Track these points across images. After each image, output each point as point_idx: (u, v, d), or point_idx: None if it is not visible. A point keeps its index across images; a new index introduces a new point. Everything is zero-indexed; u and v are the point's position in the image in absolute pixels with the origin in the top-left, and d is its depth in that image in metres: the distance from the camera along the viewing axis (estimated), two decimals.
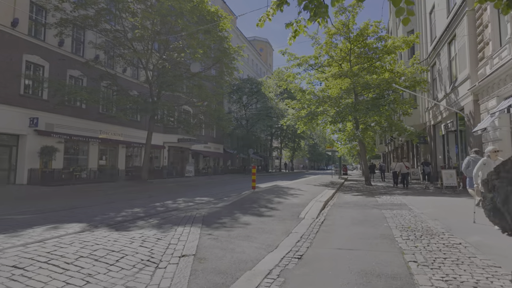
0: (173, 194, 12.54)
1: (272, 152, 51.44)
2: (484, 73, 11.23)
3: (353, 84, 15.61)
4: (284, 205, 8.43)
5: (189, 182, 20.74)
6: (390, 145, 38.58)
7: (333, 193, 12.30)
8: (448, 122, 15.52)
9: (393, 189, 14.40)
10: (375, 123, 17.73)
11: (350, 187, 16.06)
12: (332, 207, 8.72)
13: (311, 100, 17.22)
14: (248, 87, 38.15)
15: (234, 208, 7.99)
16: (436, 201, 9.86)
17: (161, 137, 27.28)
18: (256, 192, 10.68)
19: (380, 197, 11.10)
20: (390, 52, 16.95)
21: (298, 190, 12.68)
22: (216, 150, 37.32)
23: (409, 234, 5.30)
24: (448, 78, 15.32)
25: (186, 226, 5.89)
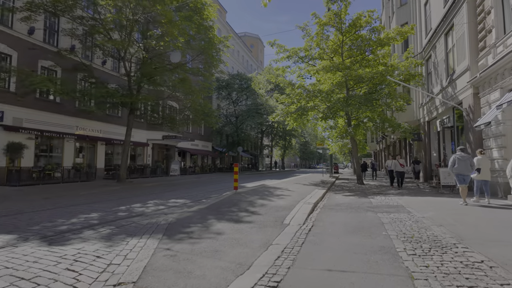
0: (147, 195, 11.38)
1: (262, 150, 50.43)
2: (486, 64, 10.39)
3: (345, 77, 14.66)
4: (268, 208, 7.40)
5: (172, 182, 19.54)
6: (382, 143, 38.01)
7: (323, 193, 11.34)
8: (444, 117, 14.73)
9: (387, 189, 13.54)
10: (368, 119, 16.86)
11: (342, 187, 15.15)
12: (322, 210, 7.72)
13: (301, 95, 16.22)
14: (238, 83, 37.01)
15: (209, 212, 6.92)
16: (436, 202, 8.97)
17: (144, 134, 25.97)
18: (238, 193, 9.62)
19: (374, 198, 10.19)
20: (384, 44, 16.08)
21: (285, 190, 11.66)
22: (204, 148, 36.11)
23: (414, 246, 4.32)
24: (444, 71, 14.52)
25: (142, 238, 4.80)
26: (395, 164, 13.67)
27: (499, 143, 9.64)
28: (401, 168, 13.52)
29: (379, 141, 39.08)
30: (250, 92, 37.03)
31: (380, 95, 15.18)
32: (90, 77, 17.38)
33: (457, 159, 8.18)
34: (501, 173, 9.70)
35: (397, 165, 13.52)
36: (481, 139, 10.97)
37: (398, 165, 13.48)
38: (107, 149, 22.92)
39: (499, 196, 9.54)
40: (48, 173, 17.66)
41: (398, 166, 13.51)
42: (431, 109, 16.73)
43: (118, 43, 14.78)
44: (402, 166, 13.51)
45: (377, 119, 16.34)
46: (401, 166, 13.47)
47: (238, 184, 10.91)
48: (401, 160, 13.80)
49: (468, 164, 8.21)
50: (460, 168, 8.21)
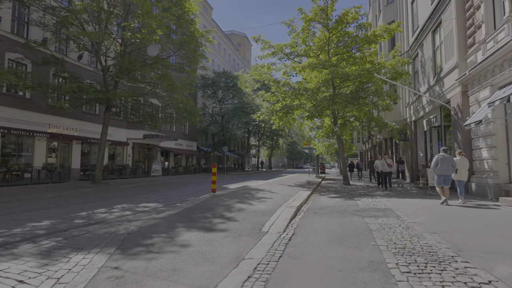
0: (118, 198, 10.51)
1: (249, 150, 49.75)
2: (475, 61, 10.05)
3: (331, 75, 14.15)
4: (246, 214, 6.71)
5: (151, 183, 18.60)
6: (368, 143, 37.99)
7: (308, 195, 10.75)
8: (431, 117, 14.44)
9: (374, 190, 13.10)
10: (354, 118, 16.43)
11: (328, 188, 14.65)
12: (305, 215, 7.10)
13: (286, 93, 15.63)
14: (224, 81, 36.18)
15: (180, 219, 6.18)
16: (425, 205, 8.50)
17: (124, 133, 24.83)
18: (216, 196, 8.90)
19: (361, 200, 9.67)
20: (371, 41, 15.68)
21: (268, 192, 11.01)
22: (189, 148, 35.11)
23: (407, 260, 3.73)
24: (432, 70, 14.22)
25: (90, 252, 4.03)
26: (382, 164, 13.01)
27: (489, 142, 9.29)
28: (388, 168, 12.88)
29: (366, 141, 39.09)
30: (236, 91, 36.26)
31: (366, 93, 14.75)
32: (61, 72, 16.24)
33: (440, 159, 8.23)
34: (490, 174, 9.36)
35: (384, 165, 12.90)
36: (470, 138, 10.64)
37: (386, 165, 12.85)
38: (84, 148, 21.72)
39: (489, 198, 9.19)
40: (16, 174, 16.44)
41: (385, 166, 12.87)
42: (418, 108, 16.46)
43: (91, 35, 13.77)
44: (389, 166, 12.83)
45: (363, 118, 15.93)
46: (388, 166, 12.83)
47: (216, 186, 10.20)
48: (388, 159, 13.11)
49: (450, 165, 8.21)
50: (442, 168, 8.23)
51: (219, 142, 36.85)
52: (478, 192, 9.92)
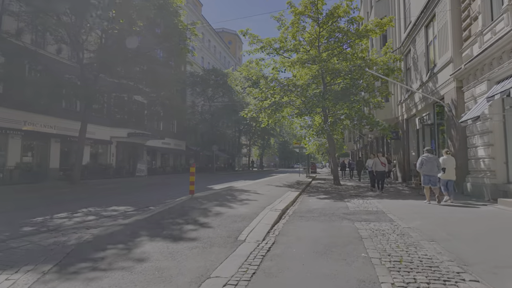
0: (87, 200, 9.70)
1: (240, 149, 49.01)
2: (471, 54, 9.54)
3: (321, 70, 13.54)
4: (223, 219, 6.00)
5: (133, 183, 17.73)
6: (359, 143, 37.65)
7: (296, 196, 10.10)
8: (424, 115, 13.96)
9: (365, 190, 12.54)
10: (345, 115, 15.87)
11: (317, 188, 14.04)
12: (290, 219, 6.44)
13: (274, 89, 14.96)
14: (213, 78, 35.33)
15: (146, 225, 5.43)
16: (420, 207, 7.93)
17: (107, 131, 23.81)
18: (194, 199, 8.15)
19: (351, 201, 9.06)
20: (362, 36, 15.14)
21: (253, 193, 10.31)
22: (177, 147, 34.19)
23: (405, 278, 3.08)
24: (424, 65, 13.74)
25: (19, 271, 3.28)
26: (375, 163, 11.73)
27: (486, 140, 8.79)
28: (382, 167, 11.59)
29: (357, 141, 38.77)
30: (227, 89, 35.45)
31: (357, 89, 14.18)
32: (36, 65, 15.25)
33: (424, 160, 8.28)
34: (487, 174, 8.85)
35: (378, 164, 11.60)
36: (465, 136, 10.14)
37: (379, 164, 11.54)
38: (63, 147, 20.67)
39: (486, 199, 8.68)
40: None
41: (378, 165, 11.56)
42: (410, 106, 15.99)
43: (66, 25, 12.87)
44: (383, 166, 11.58)
45: (354, 116, 15.36)
46: (382, 165, 11.54)
47: (201, 187, 9.48)
48: (382, 158, 11.90)
49: (435, 165, 8.22)
50: (427, 169, 8.24)
51: (209, 141, 35.98)
52: (474, 193, 9.43)
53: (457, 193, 10.49)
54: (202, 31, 44.72)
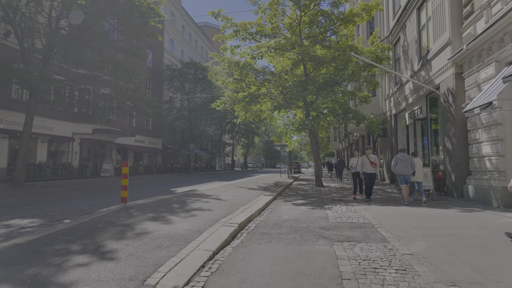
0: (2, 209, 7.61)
1: (221, 148, 47.03)
2: (474, 33, 8.04)
3: (302, 55, 11.84)
4: (145, 242, 4.12)
5: (91, 185, 15.56)
6: (345, 142, 36.38)
7: (267, 202, 8.35)
8: (415, 108, 12.51)
9: (350, 193, 10.94)
10: (328, 109, 14.24)
11: (297, 190, 12.35)
12: (247, 238, 4.66)
13: (248, 76, 13.17)
14: (192, 72, 33.21)
15: (17, 255, 3.53)
16: (418, 217, 6.30)
17: (68, 127, 21.43)
18: (124, 210, 6.21)
19: (332, 208, 7.39)
20: (348, 21, 13.53)
21: (214, 199, 8.46)
22: (153, 145, 31.92)
23: None
24: (416, 53, 12.27)
25: None
26: (363, 162, 9.01)
27: (493, 134, 7.28)
28: (372, 168, 8.91)
29: (342, 140, 37.47)
30: (206, 84, 33.37)
31: (342, 77, 12.54)
32: None
33: (399, 159, 8.27)
34: (495, 175, 7.35)
35: (366, 163, 8.93)
36: (465, 131, 8.65)
37: (368, 164, 8.90)
38: (14, 144, 18.21)
39: (495, 205, 7.17)
40: None
41: (367, 165, 8.90)
42: (399, 100, 14.55)
43: None
44: (373, 166, 8.90)
45: (338, 110, 13.75)
46: (372, 165, 8.89)
47: (164, 190, 7.57)
48: (372, 156, 9.02)
49: (409, 164, 8.15)
50: (401, 168, 8.19)
51: (187, 139, 33.82)
52: (477, 197, 7.93)
53: (454, 198, 9.01)
54: (182, 24, 42.56)
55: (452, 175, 9.26)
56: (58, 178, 19.32)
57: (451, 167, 9.30)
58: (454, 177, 9.12)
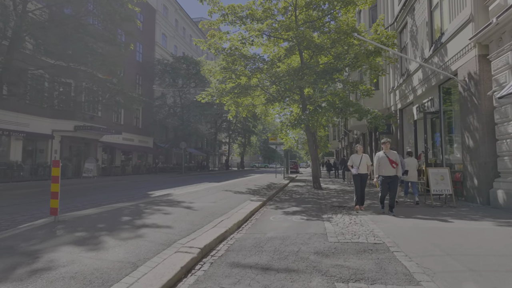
0: None
1: (216, 147, 45.49)
2: (505, 4, 6.56)
3: (297, 38, 10.33)
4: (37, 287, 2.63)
5: (64, 187, 13.98)
6: (344, 140, 34.90)
7: (254, 209, 6.86)
8: (425, 101, 11.04)
9: (351, 199, 9.49)
10: (327, 103, 12.75)
11: (291, 194, 10.86)
12: (207, 273, 3.17)
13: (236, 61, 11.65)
14: (184, 68, 31.66)
15: None
16: (447, 236, 4.81)
17: (47, 123, 19.85)
18: (48, 226, 4.66)
19: (332, 220, 5.91)
20: (349, 2, 12.03)
21: (184, 208, 6.93)
22: (143, 144, 30.37)
23: None
24: (427, 38, 10.80)
25: None
26: (379, 161, 6.58)
27: None
28: (393, 170, 6.42)
29: (342, 138, 35.99)
30: (200, 80, 31.83)
31: (343, 62, 11.01)
32: None
33: None
34: None
35: (384, 163, 6.46)
36: (492, 124, 7.18)
37: (387, 164, 6.42)
38: None
39: None
40: None
41: (386, 166, 6.44)
42: (406, 92, 13.08)
43: None
44: (394, 167, 6.40)
45: (338, 104, 12.26)
46: (392, 165, 6.39)
47: (141, 193, 6.07)
48: (392, 152, 6.58)
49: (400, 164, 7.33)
50: None
51: (181, 137, 32.21)
52: (509, 204, 6.45)
53: (477, 204, 7.55)
54: (176, 18, 40.96)
55: (474, 177, 7.79)
56: (34, 179, 17.79)
57: (472, 168, 7.83)
58: (477, 179, 7.66)
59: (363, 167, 7.12)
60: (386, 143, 6.76)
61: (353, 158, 7.31)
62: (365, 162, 7.14)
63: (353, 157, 7.35)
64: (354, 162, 7.22)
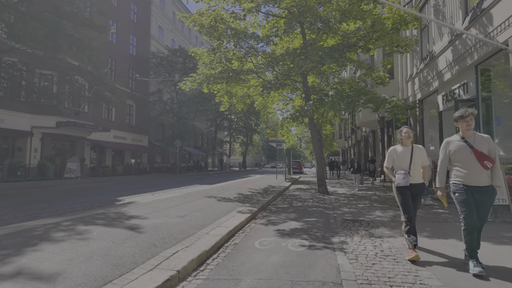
0: None
1: (216, 146, 43.57)
2: None
3: (298, 7, 8.32)
4: None
5: (35, 190, 12.19)
6: (351, 139, 32.70)
7: (236, 226, 4.91)
8: (455, 87, 9.00)
9: (369, 206, 7.48)
10: (335, 91, 10.71)
11: (292, 200, 8.87)
12: None
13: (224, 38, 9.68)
14: (181, 61, 29.78)
15: None
16: None
17: (26, 119, 18.11)
18: None
19: (347, 246, 3.96)
20: None
21: (132, 228, 4.89)
22: (136, 142, 28.58)
23: None
24: (460, 6, 8.73)
25: None
26: (466, 159, 3.23)
27: None
28: (485, 175, 3.17)
29: (348, 137, 33.79)
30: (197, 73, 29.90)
31: (357, 35, 8.91)
32: None
33: None
34: None
35: (470, 162, 3.19)
36: None
37: (475, 163, 3.17)
38: None
39: None
40: None
41: (473, 167, 3.17)
42: (428, 79, 11.00)
43: None
44: (488, 167, 3.13)
45: (348, 91, 10.20)
46: (484, 165, 3.13)
47: (109, 198, 4.14)
48: (485, 138, 3.28)
49: None
50: None
51: (178, 135, 30.30)
52: None
53: None
54: (174, 10, 39.14)
55: None
56: (7, 180, 16.03)
57: None
58: None
59: (416, 170, 3.80)
60: (467, 117, 3.33)
61: (394, 153, 3.91)
62: (419, 159, 3.83)
63: (395, 151, 3.92)
64: (399, 160, 3.85)
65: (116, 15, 25.89)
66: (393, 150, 3.98)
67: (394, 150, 3.95)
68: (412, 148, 3.86)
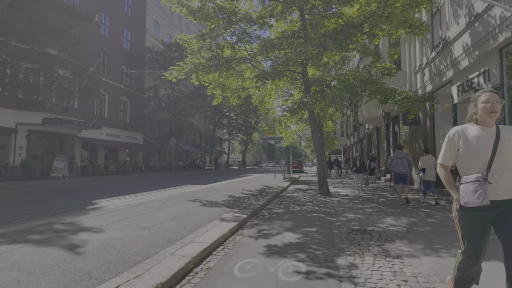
0: None
1: (214, 145, 42.52)
2: None
3: None
4: None
5: (13, 191, 11.19)
6: (353, 136, 31.61)
7: (215, 241, 3.87)
8: (474, 75, 7.94)
9: (377, 212, 6.45)
10: (338, 81, 9.64)
11: (289, 203, 7.83)
12: None
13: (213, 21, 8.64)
14: (177, 56, 28.69)
15: None
16: None
17: (10, 115, 17.11)
18: None
19: (359, 273, 2.91)
20: None
21: (71, 249, 3.87)
22: (131, 140, 27.56)
23: None
24: None
25: None
26: None
27: None
28: None
29: (350, 134, 32.71)
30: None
31: (364, 13, 7.79)
32: None
33: (394, 158, 7.85)
34: None
35: None
36: None
37: None
38: None
39: None
40: None
41: None
42: (441, 68, 9.92)
43: None
44: None
45: (352, 81, 9.13)
46: None
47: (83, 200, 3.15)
48: None
49: (405, 162, 7.69)
50: (396, 167, 7.70)
51: (172, 133, 29.28)
52: None
53: None
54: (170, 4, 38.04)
55: None
56: None
57: None
58: None
59: (506, 173, 1.96)
60: None
61: (461, 138, 2.07)
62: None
63: (462, 135, 2.08)
64: (471, 153, 2.04)
65: (109, 7, 24.89)
66: (459, 133, 2.08)
67: (462, 133, 2.07)
68: (498, 131, 2.03)
